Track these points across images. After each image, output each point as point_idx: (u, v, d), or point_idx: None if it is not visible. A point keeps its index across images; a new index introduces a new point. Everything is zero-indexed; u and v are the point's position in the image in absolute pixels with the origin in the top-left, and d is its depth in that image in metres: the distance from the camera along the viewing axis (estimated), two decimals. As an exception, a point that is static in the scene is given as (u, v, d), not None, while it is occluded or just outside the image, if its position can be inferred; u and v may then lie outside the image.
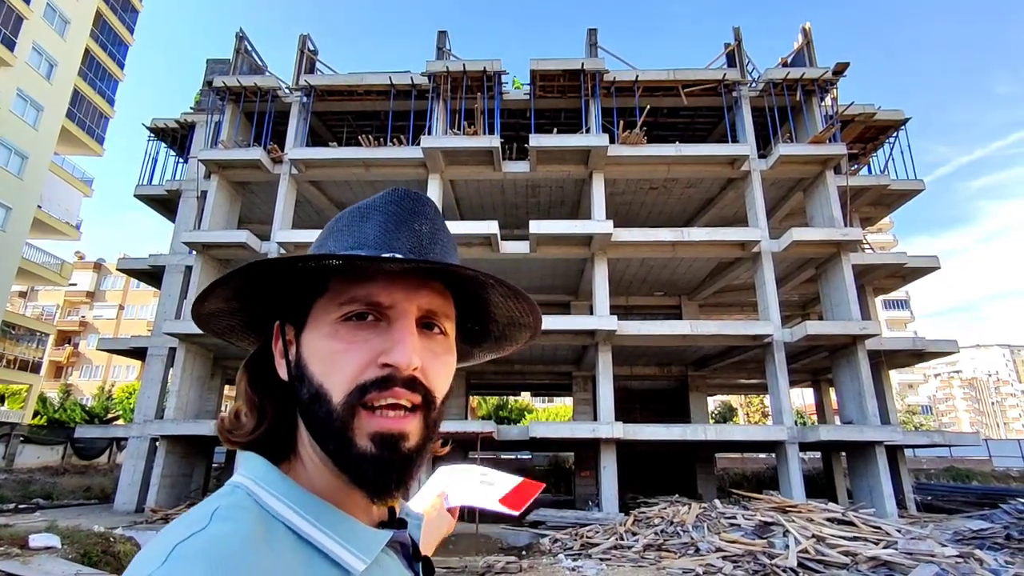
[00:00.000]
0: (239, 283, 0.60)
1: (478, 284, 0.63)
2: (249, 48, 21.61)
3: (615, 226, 16.98)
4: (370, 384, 0.56)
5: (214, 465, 21.06)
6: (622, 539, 10.92)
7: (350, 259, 0.56)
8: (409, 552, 0.65)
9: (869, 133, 20.66)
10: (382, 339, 0.57)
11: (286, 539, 0.52)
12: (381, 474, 0.55)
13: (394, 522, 0.65)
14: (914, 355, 18.92)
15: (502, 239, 17.58)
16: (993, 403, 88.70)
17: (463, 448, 19.54)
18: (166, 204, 21.58)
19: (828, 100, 19.11)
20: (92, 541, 9.04)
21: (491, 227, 16.76)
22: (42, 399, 30.69)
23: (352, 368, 0.56)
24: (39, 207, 24.34)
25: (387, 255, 0.58)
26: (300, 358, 0.60)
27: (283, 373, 0.62)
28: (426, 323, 0.61)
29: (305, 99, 19.66)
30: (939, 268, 18.72)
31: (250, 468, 0.58)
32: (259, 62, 22.08)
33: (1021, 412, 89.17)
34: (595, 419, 18.12)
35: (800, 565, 8.35)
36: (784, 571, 8.19)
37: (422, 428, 0.58)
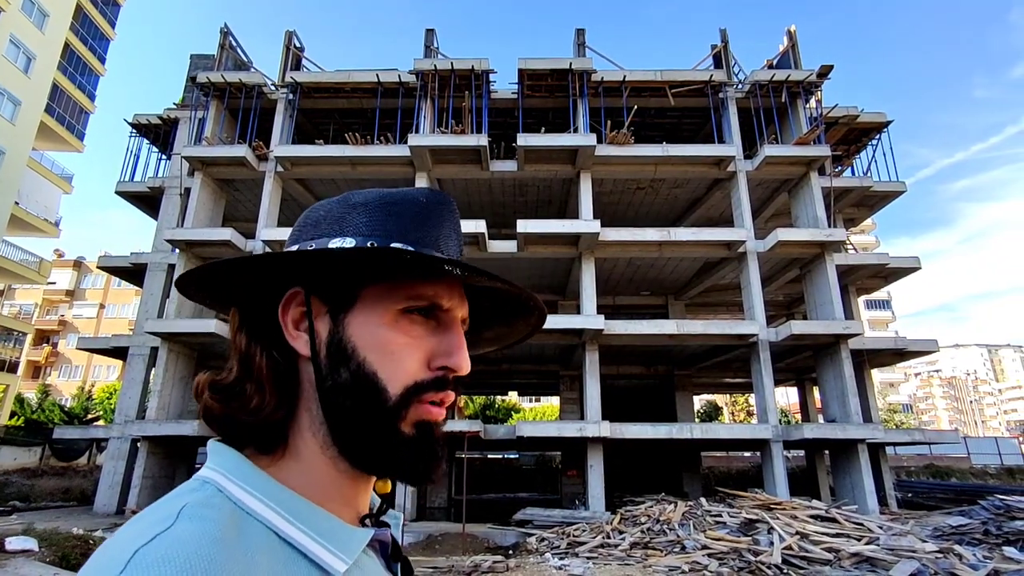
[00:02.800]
0: (288, 262, 0.58)
1: (516, 309, 0.69)
2: (234, 44, 21.35)
3: (602, 226, 17.03)
4: (429, 383, 0.57)
5: (197, 466, 20.73)
6: (609, 537, 10.95)
7: (441, 262, 0.54)
8: (388, 551, 0.62)
9: (852, 135, 20.95)
10: (437, 340, 0.59)
11: (261, 539, 0.48)
12: (425, 460, 0.57)
13: (380, 515, 0.62)
14: (895, 354, 19.23)
15: (490, 238, 17.55)
16: (971, 402, 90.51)
17: (450, 448, 19.47)
18: (148, 201, 21.26)
19: (813, 102, 19.35)
20: (71, 544, 8.86)
21: (479, 226, 16.72)
22: (19, 400, 30.03)
23: (413, 364, 0.57)
24: (16, 203, 23.81)
25: (451, 260, 0.57)
26: (344, 340, 0.56)
27: (301, 348, 0.57)
28: None
29: (291, 96, 19.47)
30: (920, 269, 19.05)
31: (220, 461, 0.54)
32: (244, 58, 21.82)
33: (998, 411, 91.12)
34: (582, 418, 18.16)
35: (784, 562, 8.43)
36: (769, 568, 8.26)
37: (445, 418, 0.62)
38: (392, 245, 0.57)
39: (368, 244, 0.57)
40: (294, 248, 0.60)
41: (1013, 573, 7.42)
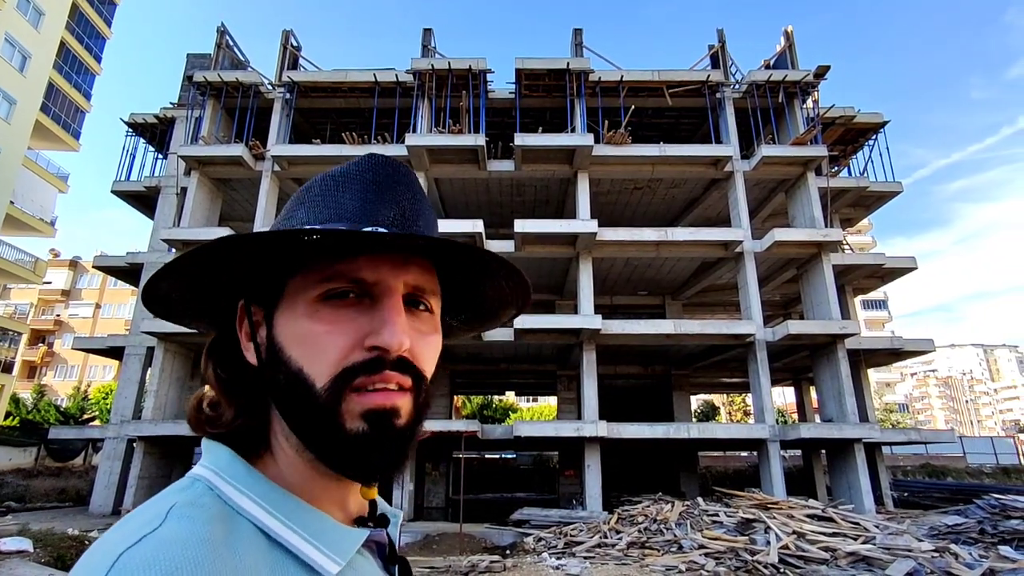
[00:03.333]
0: (204, 259, 0.53)
1: (471, 260, 0.59)
2: (231, 43, 21.30)
3: (600, 225, 17.04)
4: (359, 367, 0.52)
5: (194, 467, 20.69)
6: (606, 537, 10.96)
7: (334, 235, 0.50)
8: (385, 552, 0.60)
9: (849, 135, 20.99)
10: (368, 319, 0.53)
11: (251, 539, 0.47)
12: (375, 454, 0.52)
13: (373, 520, 0.60)
14: (891, 354, 19.27)
15: (487, 238, 17.55)
16: (967, 401, 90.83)
17: (447, 447, 19.47)
18: (145, 201, 21.19)
19: (809, 102, 19.38)
20: (66, 544, 8.83)
21: (476, 226, 16.72)
22: (14, 400, 29.86)
23: (336, 351, 0.52)
24: (12, 203, 23.70)
25: (369, 229, 0.52)
26: (274, 341, 0.54)
27: (251, 358, 0.57)
28: (411, 300, 0.57)
29: (288, 95, 19.43)
30: (916, 269, 19.10)
31: (213, 459, 0.54)
32: (241, 57, 21.77)
33: (994, 410, 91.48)
34: (579, 418, 18.16)
35: (781, 561, 8.45)
36: (765, 567, 8.27)
37: (412, 407, 0.55)
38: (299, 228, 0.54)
39: None
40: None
41: (1009, 572, 7.44)
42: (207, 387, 0.61)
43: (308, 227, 0.53)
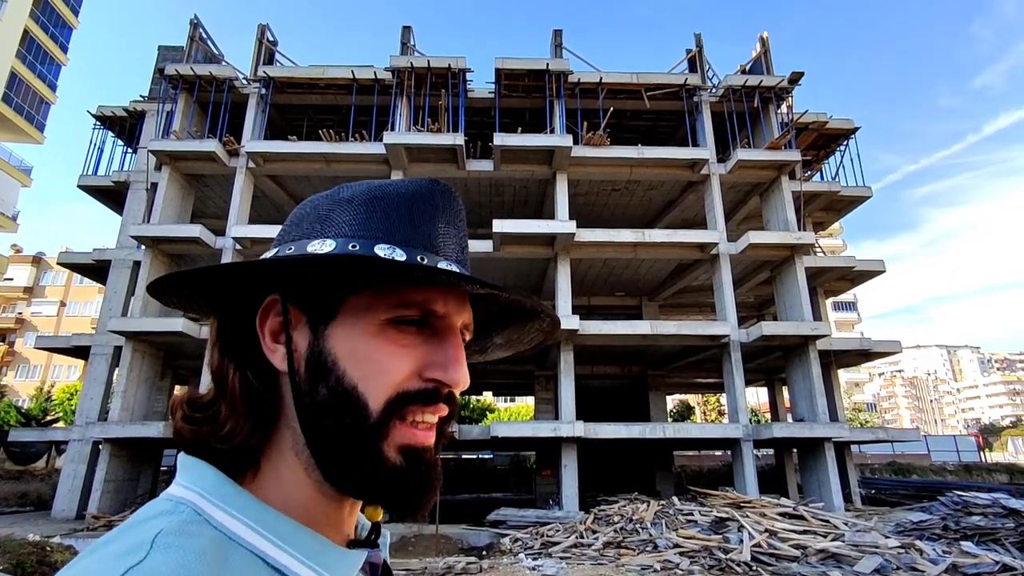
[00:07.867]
0: (274, 271, 0.52)
1: (524, 314, 0.62)
2: (204, 36, 20.83)
3: (578, 226, 17.09)
4: (414, 395, 0.51)
5: (162, 468, 20.20)
6: (582, 537, 10.99)
7: (431, 271, 0.50)
8: (378, 572, 0.58)
9: (822, 141, 21.46)
10: (429, 350, 0.53)
11: (247, 566, 0.43)
12: (416, 490, 0.51)
13: (370, 541, 0.58)
14: (861, 355, 19.75)
15: (466, 238, 17.45)
16: (931, 400, 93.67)
17: (424, 448, 19.25)
18: (113, 196, 20.59)
19: (784, 108, 19.75)
20: (26, 551, 8.51)
21: (455, 225, 16.61)
22: (-27, 401, 28.84)
23: (399, 375, 0.51)
24: (-29, 196, 22.87)
25: (444, 265, 0.54)
26: (323, 352, 0.51)
27: (279, 362, 0.52)
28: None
29: (263, 91, 19.08)
30: (885, 272, 19.63)
31: (195, 478, 0.48)
32: (215, 51, 21.30)
33: (956, 409, 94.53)
34: (557, 418, 18.20)
35: (754, 559, 8.57)
36: (739, 565, 8.39)
37: (436, 439, 0.55)
38: (376, 248, 0.51)
39: (349, 247, 0.52)
40: (273, 251, 0.55)
41: (971, 567, 7.66)
42: (187, 388, 0.55)
43: (400, 258, 0.52)
